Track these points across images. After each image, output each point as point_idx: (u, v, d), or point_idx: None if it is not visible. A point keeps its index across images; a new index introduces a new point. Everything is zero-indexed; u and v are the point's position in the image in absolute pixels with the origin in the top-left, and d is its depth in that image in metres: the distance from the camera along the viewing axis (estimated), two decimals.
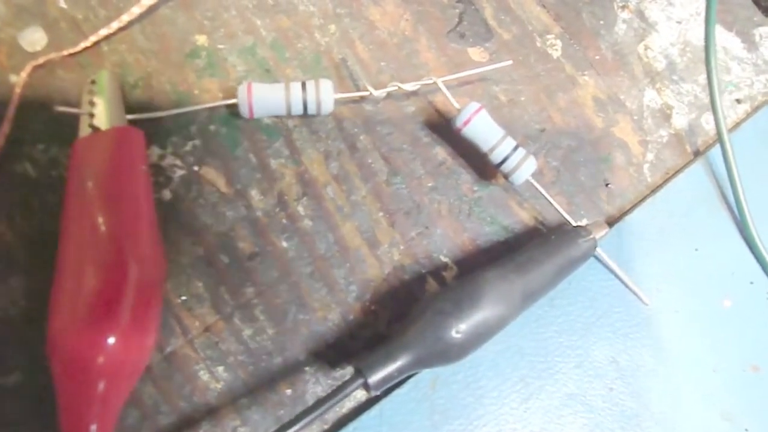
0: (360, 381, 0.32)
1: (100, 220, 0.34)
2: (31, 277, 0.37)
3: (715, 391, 0.41)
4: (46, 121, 0.39)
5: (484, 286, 0.35)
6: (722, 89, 0.46)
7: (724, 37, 0.47)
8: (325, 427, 0.38)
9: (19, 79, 0.39)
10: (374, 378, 0.32)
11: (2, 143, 0.38)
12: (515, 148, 0.39)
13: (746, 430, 0.41)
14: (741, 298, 0.43)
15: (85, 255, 0.33)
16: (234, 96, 0.40)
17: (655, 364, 0.41)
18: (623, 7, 0.46)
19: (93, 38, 0.40)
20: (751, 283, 0.43)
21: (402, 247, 0.41)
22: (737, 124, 0.46)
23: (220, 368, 0.38)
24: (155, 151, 0.39)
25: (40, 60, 0.39)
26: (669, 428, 0.40)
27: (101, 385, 0.32)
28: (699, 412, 0.41)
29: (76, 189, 0.35)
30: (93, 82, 0.38)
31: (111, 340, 0.32)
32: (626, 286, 0.41)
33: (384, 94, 0.41)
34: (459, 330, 0.34)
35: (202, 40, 0.41)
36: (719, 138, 0.43)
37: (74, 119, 0.38)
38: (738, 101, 0.46)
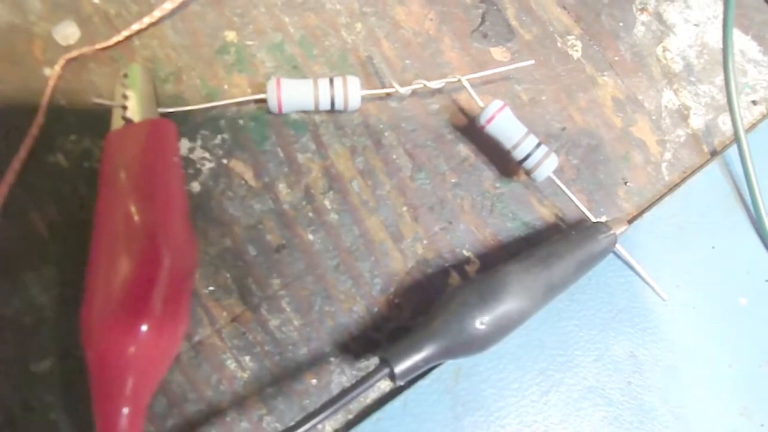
0: (386, 371, 0.33)
1: (133, 210, 0.34)
2: (63, 266, 0.38)
3: (731, 387, 0.42)
4: (78, 113, 0.40)
5: (508, 279, 0.36)
6: (739, 91, 0.46)
7: (740, 40, 0.48)
8: (350, 416, 0.39)
9: (53, 72, 0.40)
10: (400, 367, 0.33)
11: (36, 134, 0.39)
12: (537, 146, 0.40)
13: (762, 425, 0.41)
14: (757, 295, 0.43)
15: (118, 245, 0.34)
16: (262, 91, 0.41)
17: (673, 358, 0.42)
18: (642, 10, 0.47)
19: (125, 33, 0.40)
20: (767, 281, 0.44)
21: (425, 242, 0.41)
22: (753, 125, 0.46)
23: (247, 358, 0.38)
24: (185, 144, 0.40)
25: (74, 54, 0.40)
26: (686, 423, 0.41)
27: (133, 373, 0.33)
28: (715, 407, 0.41)
29: (109, 180, 0.36)
30: (125, 75, 0.39)
31: (144, 329, 0.32)
32: (645, 282, 0.42)
33: (409, 92, 0.42)
34: (483, 321, 0.34)
35: (231, 36, 0.42)
36: (736, 138, 0.44)
37: (106, 111, 0.39)
38: (754, 103, 0.47)
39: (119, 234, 0.34)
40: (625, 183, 0.44)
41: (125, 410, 0.32)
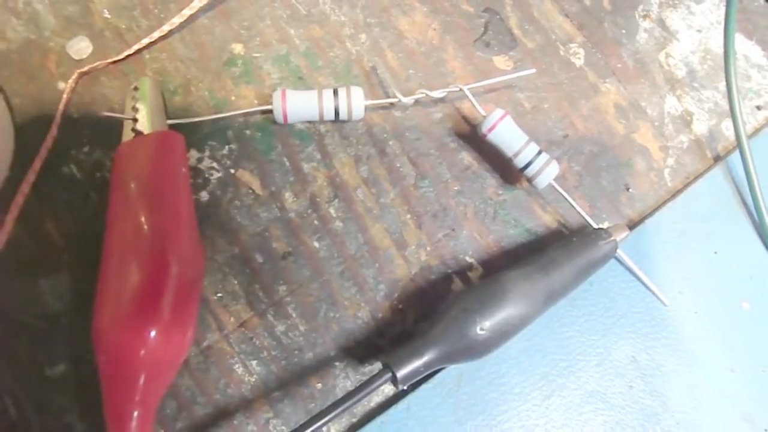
0: (388, 375, 0.33)
1: (143, 219, 0.35)
2: (76, 273, 0.39)
3: (734, 392, 0.42)
4: (91, 125, 0.41)
5: (508, 286, 0.36)
6: (742, 96, 0.47)
7: (744, 46, 0.48)
8: (354, 420, 0.40)
9: (66, 86, 0.41)
10: (402, 372, 0.33)
11: (50, 146, 0.40)
12: (538, 153, 0.40)
13: (765, 430, 0.42)
14: (759, 300, 0.44)
15: (128, 253, 0.35)
16: (269, 102, 0.42)
17: (675, 363, 0.42)
18: (644, 17, 0.48)
19: (135, 47, 0.42)
20: None
21: (429, 248, 0.42)
22: (757, 131, 0.47)
23: (254, 362, 0.39)
24: (194, 154, 0.41)
25: (86, 68, 0.41)
26: (689, 427, 0.41)
27: (143, 376, 0.34)
28: (718, 411, 0.42)
29: (120, 190, 0.37)
30: (136, 88, 0.40)
31: (153, 334, 0.33)
32: (646, 287, 0.42)
33: (412, 101, 0.42)
34: (483, 327, 0.35)
35: (238, 48, 0.43)
36: (739, 144, 0.44)
37: (117, 124, 0.40)
38: (758, 108, 0.47)
39: (129, 242, 0.35)
40: (628, 189, 0.44)
41: (135, 413, 0.33)
